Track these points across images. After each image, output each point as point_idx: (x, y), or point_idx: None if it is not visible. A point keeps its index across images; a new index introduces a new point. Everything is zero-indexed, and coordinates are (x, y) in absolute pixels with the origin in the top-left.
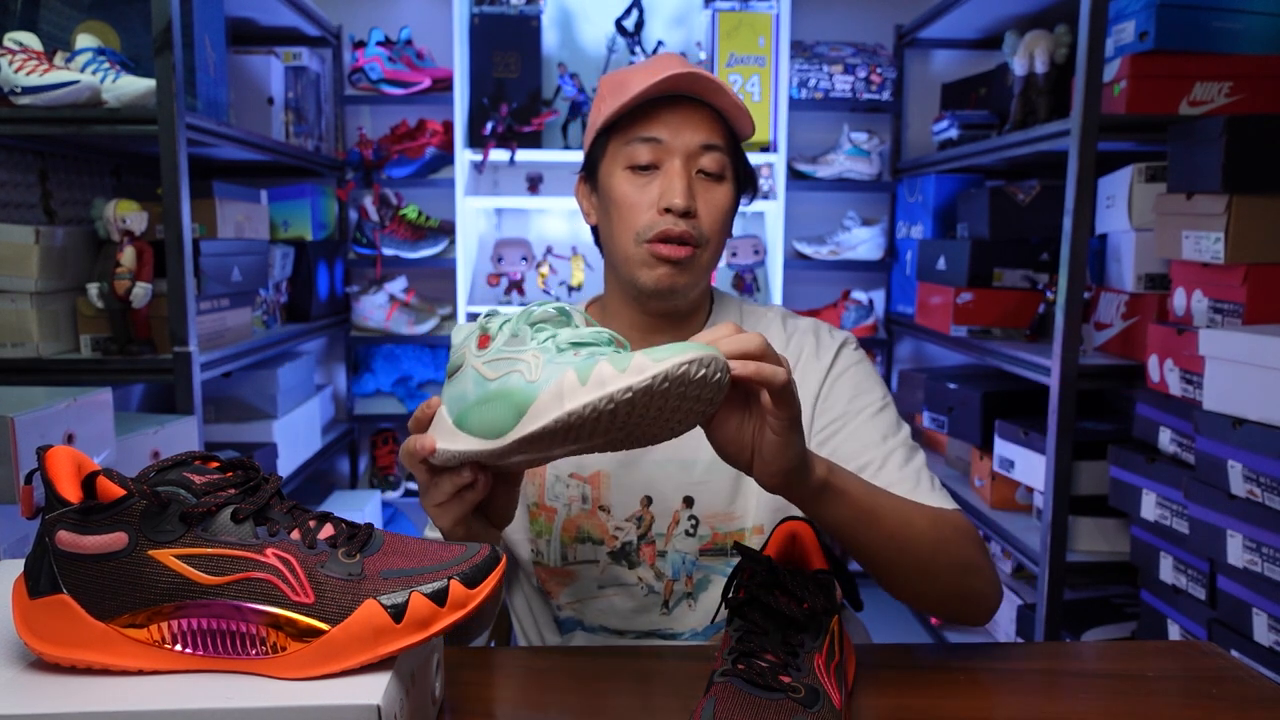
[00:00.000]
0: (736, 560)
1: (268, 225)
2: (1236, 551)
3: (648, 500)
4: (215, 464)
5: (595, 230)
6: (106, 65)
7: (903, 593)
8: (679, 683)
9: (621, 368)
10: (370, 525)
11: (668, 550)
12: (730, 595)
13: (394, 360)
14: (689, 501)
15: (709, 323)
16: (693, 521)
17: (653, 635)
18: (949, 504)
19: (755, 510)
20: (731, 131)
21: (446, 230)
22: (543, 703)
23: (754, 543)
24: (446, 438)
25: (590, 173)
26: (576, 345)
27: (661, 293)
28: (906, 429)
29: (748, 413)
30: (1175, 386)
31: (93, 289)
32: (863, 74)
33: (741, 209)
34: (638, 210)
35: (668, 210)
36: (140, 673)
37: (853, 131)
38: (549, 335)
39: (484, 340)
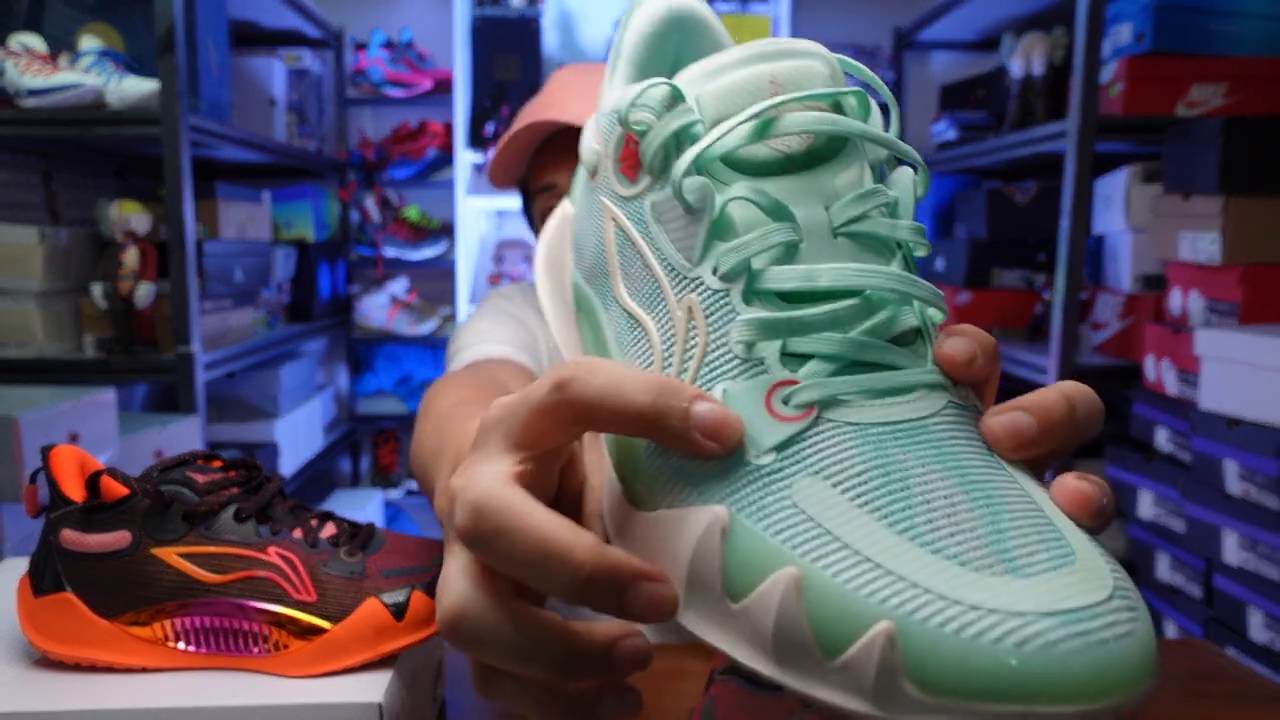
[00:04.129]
0: None
1: (270, 226)
2: (1232, 550)
3: None
4: (218, 463)
5: None
6: (110, 67)
7: None
8: (678, 681)
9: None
10: (372, 524)
11: None
12: None
13: (395, 360)
14: None
15: None
16: None
17: None
18: None
19: None
20: None
21: (447, 231)
22: None
23: None
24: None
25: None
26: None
27: None
28: None
29: None
30: (1172, 386)
31: (96, 289)
32: None
33: None
34: None
35: None
36: (144, 670)
37: None
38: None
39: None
